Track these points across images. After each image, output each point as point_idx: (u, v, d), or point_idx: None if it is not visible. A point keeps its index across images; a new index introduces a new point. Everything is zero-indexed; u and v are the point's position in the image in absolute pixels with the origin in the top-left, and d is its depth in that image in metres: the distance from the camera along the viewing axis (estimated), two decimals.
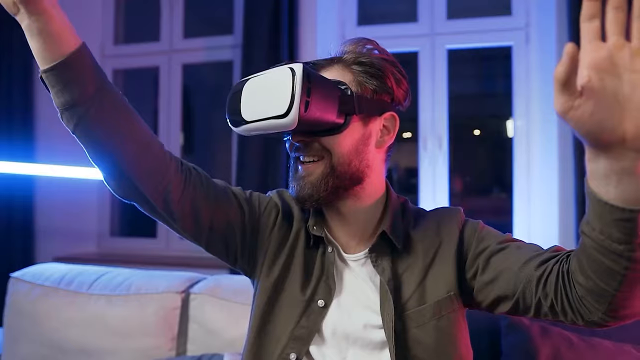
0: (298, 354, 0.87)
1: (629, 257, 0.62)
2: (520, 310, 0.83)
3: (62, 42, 0.72)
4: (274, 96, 0.77)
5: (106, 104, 0.76)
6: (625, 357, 1.23)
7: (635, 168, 0.58)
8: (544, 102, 2.63)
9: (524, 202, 2.71)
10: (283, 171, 2.67)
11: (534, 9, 2.69)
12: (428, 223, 0.94)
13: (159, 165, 0.82)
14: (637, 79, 0.55)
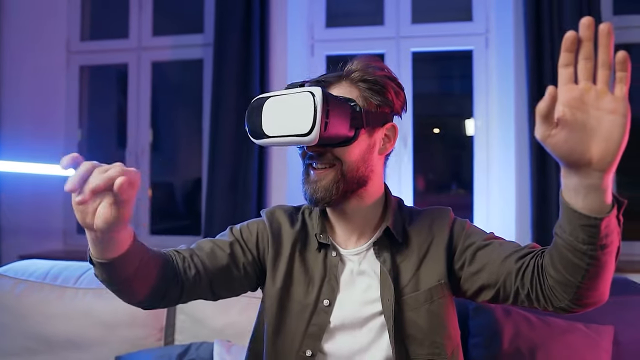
0: (313, 350, 0.98)
1: (592, 255, 0.76)
2: (501, 298, 0.96)
3: (118, 248, 0.80)
4: (297, 117, 0.87)
5: (140, 276, 0.87)
6: (576, 333, 1.38)
7: (599, 185, 0.71)
8: (502, 103, 2.79)
9: (483, 199, 2.87)
10: (255, 167, 2.73)
11: (493, 16, 2.86)
12: (422, 220, 1.06)
13: (161, 283, 0.94)
14: (601, 115, 0.69)
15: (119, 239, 0.79)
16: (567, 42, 0.68)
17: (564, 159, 0.71)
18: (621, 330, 1.43)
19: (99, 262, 0.81)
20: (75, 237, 3.23)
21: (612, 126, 0.68)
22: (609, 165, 0.70)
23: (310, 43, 3.07)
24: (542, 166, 2.54)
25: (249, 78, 2.75)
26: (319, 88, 0.88)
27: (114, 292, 0.90)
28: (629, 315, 1.47)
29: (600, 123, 0.69)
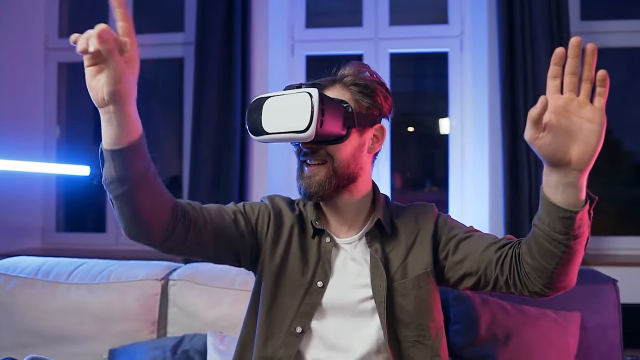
0: (303, 327, 1.06)
1: (566, 244, 0.86)
2: (481, 285, 1.05)
3: (130, 132, 0.85)
4: (295, 115, 0.95)
5: (147, 181, 0.90)
6: (547, 319, 1.49)
7: (576, 182, 0.82)
8: (476, 104, 2.90)
9: (458, 196, 2.98)
10: (237, 165, 2.78)
11: (468, 19, 2.96)
12: (408, 214, 1.15)
13: (171, 217, 0.96)
14: (581, 122, 0.80)
15: (130, 119, 0.84)
16: (556, 57, 0.79)
17: (547, 159, 0.82)
18: (587, 317, 1.54)
19: (112, 149, 0.84)
20: (54, 235, 3.22)
21: (590, 133, 0.79)
22: (586, 166, 0.81)
23: (290, 43, 3.12)
24: (514, 165, 2.65)
25: (231, 77, 2.80)
26: (315, 89, 0.95)
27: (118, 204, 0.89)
28: (594, 303, 1.59)
29: (580, 129, 0.80)
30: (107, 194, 0.90)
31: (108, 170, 0.87)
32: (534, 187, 2.62)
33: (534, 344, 1.43)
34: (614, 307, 1.59)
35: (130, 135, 0.85)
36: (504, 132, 2.65)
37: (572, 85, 0.80)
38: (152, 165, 0.91)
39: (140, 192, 0.88)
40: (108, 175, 0.87)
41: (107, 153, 0.85)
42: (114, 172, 0.86)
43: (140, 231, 0.94)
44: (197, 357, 1.44)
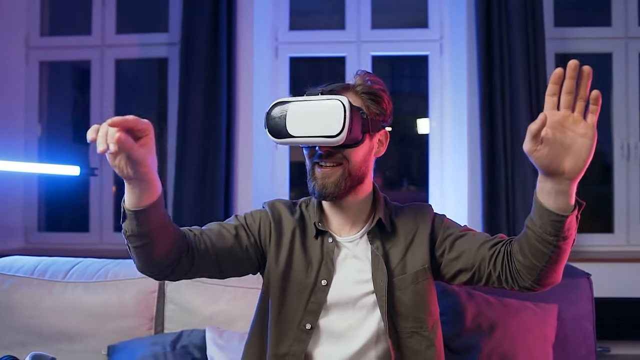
0: (312, 324, 1.12)
1: (556, 244, 0.95)
2: (475, 280, 1.13)
3: (151, 195, 0.92)
4: (325, 120, 1.01)
5: (162, 232, 0.97)
6: (527, 311, 1.59)
7: (567, 190, 0.91)
8: (455, 105, 3.00)
9: (437, 195, 3.07)
10: (223, 165, 2.82)
11: (447, 24, 3.06)
12: (407, 214, 1.22)
13: (177, 254, 1.03)
14: (575, 137, 0.88)
15: (151, 185, 0.90)
16: (555, 77, 0.87)
17: (543, 169, 0.90)
18: (563, 308, 1.64)
19: (134, 210, 0.91)
20: (36, 235, 3.21)
21: (582, 146, 0.88)
22: (577, 176, 0.89)
23: (274, 45, 3.17)
24: (492, 166, 2.76)
25: (217, 78, 2.83)
26: (345, 98, 1.02)
27: (136, 253, 0.97)
28: (569, 295, 1.69)
29: (574, 143, 0.88)
30: (126, 242, 0.98)
31: (129, 226, 0.94)
32: (510, 186, 2.74)
33: (516, 334, 1.52)
34: (588, 299, 1.69)
35: (151, 198, 0.92)
36: (483, 132, 2.75)
37: (568, 103, 0.87)
38: (167, 216, 0.99)
39: (157, 242, 0.96)
40: (128, 229, 0.94)
41: (129, 212, 0.92)
42: (135, 228, 0.93)
43: (152, 270, 1.03)
44: (195, 352, 1.49)
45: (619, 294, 2.76)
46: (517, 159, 2.73)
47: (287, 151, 3.16)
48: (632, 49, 3.01)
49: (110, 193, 3.20)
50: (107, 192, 3.18)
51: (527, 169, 2.70)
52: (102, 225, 3.18)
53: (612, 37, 3.02)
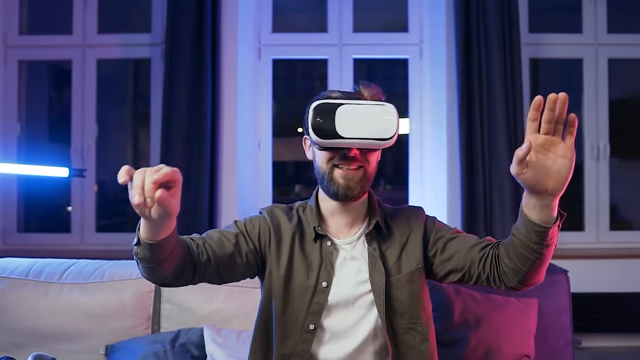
0: (315, 324, 1.16)
1: (539, 252, 1.03)
2: (465, 280, 1.20)
3: (167, 230, 0.94)
4: (376, 124, 1.06)
5: (172, 255, 1.01)
6: (511, 306, 1.67)
7: (550, 205, 0.99)
8: (435, 107, 3.09)
9: (417, 194, 3.16)
10: (207, 166, 2.84)
11: (427, 28, 3.15)
12: (400, 216, 1.28)
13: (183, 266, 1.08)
14: (555, 158, 0.95)
15: (168, 226, 0.93)
16: (535, 104, 0.93)
17: (528, 188, 0.98)
18: (543, 303, 1.73)
19: (149, 243, 0.94)
20: (15, 236, 3.17)
21: (562, 166, 0.95)
22: (558, 192, 0.98)
23: (257, 47, 3.21)
24: (470, 167, 2.86)
25: (201, 79, 2.85)
26: (391, 104, 1.09)
27: (145, 270, 1.02)
28: (548, 290, 1.78)
29: (554, 164, 0.95)
30: (135, 259, 1.01)
31: (142, 252, 0.97)
32: (488, 187, 2.84)
33: (500, 327, 1.60)
34: (565, 294, 1.79)
35: (167, 232, 0.94)
36: (462, 134, 2.85)
37: (547, 131, 0.95)
38: (178, 239, 1.02)
39: (166, 264, 1.01)
40: (141, 254, 0.97)
41: (144, 243, 0.95)
42: (148, 255, 0.96)
43: (158, 282, 1.08)
44: (194, 349, 1.53)
45: (589, 290, 2.90)
46: (494, 160, 2.83)
47: (270, 151, 3.20)
48: (602, 55, 3.15)
49: (92, 193, 3.19)
50: (89, 193, 3.17)
51: (503, 170, 2.81)
52: (83, 226, 3.16)
53: (583, 43, 3.15)
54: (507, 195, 2.80)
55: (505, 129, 2.82)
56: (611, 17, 3.15)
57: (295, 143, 3.58)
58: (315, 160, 1.19)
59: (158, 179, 0.83)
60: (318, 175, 1.19)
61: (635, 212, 3.40)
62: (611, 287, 2.97)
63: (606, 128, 3.16)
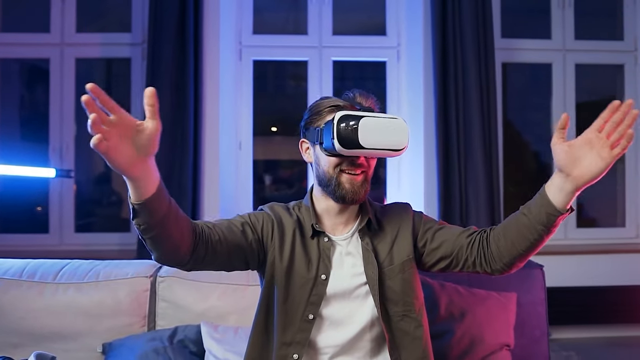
0: (314, 314, 1.24)
1: (541, 234, 1.12)
2: (452, 265, 1.29)
3: (147, 189, 0.98)
4: (392, 135, 1.15)
5: (170, 216, 1.04)
6: (492, 299, 1.77)
7: (569, 191, 1.08)
8: (412, 109, 3.19)
9: (394, 193, 3.25)
10: (190, 167, 2.86)
11: (404, 32, 3.24)
12: (390, 212, 1.36)
13: (192, 239, 1.12)
14: (595, 155, 1.05)
15: (147, 177, 0.96)
16: (611, 106, 1.04)
17: (557, 163, 1.07)
18: (521, 296, 1.84)
19: (138, 204, 0.98)
20: None
21: (595, 165, 1.05)
22: (580, 185, 1.07)
23: (238, 48, 3.24)
24: (446, 167, 2.97)
25: (184, 80, 2.87)
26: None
27: (151, 243, 1.04)
28: (526, 284, 1.89)
29: (591, 159, 1.05)
30: (140, 236, 1.05)
31: (140, 219, 1.00)
32: (463, 184, 2.96)
33: (483, 319, 1.70)
34: (541, 287, 1.90)
35: (149, 191, 0.98)
36: (438, 134, 2.96)
37: (607, 131, 1.04)
38: (172, 201, 1.06)
39: (168, 226, 1.04)
40: (140, 222, 1.01)
41: (137, 206, 0.99)
42: (146, 219, 1.00)
43: (171, 257, 1.11)
44: (191, 346, 1.57)
45: (555, 284, 3.04)
46: (470, 160, 2.95)
47: (251, 150, 3.25)
48: (569, 60, 3.31)
49: (72, 193, 3.16)
50: (68, 192, 3.15)
51: (479, 169, 2.93)
52: (62, 226, 3.14)
53: (552, 49, 3.31)
54: (482, 194, 2.92)
55: (480, 129, 2.94)
56: (578, 24, 3.31)
57: (267, 142, 3.61)
58: (320, 165, 1.26)
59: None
60: (322, 178, 1.26)
61: (600, 210, 3.58)
62: (577, 282, 3.13)
63: (573, 130, 3.31)
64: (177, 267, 1.17)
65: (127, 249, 3.08)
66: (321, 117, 1.25)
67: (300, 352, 1.22)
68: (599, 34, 3.41)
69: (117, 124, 0.88)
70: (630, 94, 3.38)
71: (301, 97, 3.44)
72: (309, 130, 1.27)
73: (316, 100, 1.32)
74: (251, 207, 3.28)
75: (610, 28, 3.47)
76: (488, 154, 2.96)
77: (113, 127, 0.88)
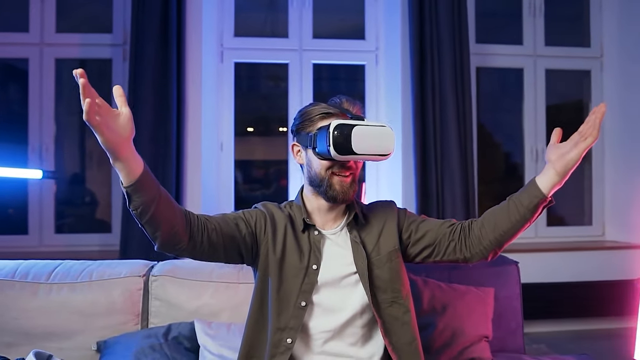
0: (306, 301, 1.32)
1: (523, 216, 1.26)
2: (435, 253, 1.39)
3: (135, 171, 1.09)
4: (380, 142, 1.25)
5: (162, 201, 1.15)
6: (471, 293, 1.87)
7: (556, 179, 1.23)
8: (390, 110, 3.29)
9: (373, 193, 3.34)
10: (173, 168, 2.89)
11: (382, 36, 3.34)
12: (375, 208, 1.46)
13: (186, 223, 1.22)
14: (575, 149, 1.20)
15: (133, 157, 1.08)
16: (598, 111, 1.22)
17: (548, 158, 1.24)
18: (498, 290, 1.94)
19: (131, 185, 1.08)
20: None
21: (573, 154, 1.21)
22: (562, 174, 1.22)
23: (219, 50, 3.28)
24: (424, 166, 3.08)
25: (167, 82, 2.89)
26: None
27: (150, 226, 1.15)
28: (502, 279, 1.99)
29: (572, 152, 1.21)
30: (138, 222, 1.15)
31: (134, 202, 1.11)
32: (440, 183, 3.06)
33: (463, 313, 1.79)
34: (516, 283, 2.01)
35: (136, 173, 1.09)
36: (416, 135, 3.06)
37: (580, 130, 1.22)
38: (161, 187, 1.17)
39: (161, 205, 1.14)
40: (136, 205, 1.11)
41: (129, 188, 1.10)
42: (139, 199, 1.11)
43: (171, 240, 1.19)
44: (186, 342, 1.61)
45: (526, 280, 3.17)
46: (446, 159, 3.06)
47: (232, 151, 3.29)
48: (540, 65, 3.45)
49: (51, 194, 3.15)
50: (48, 193, 3.13)
51: (455, 168, 3.04)
52: (42, 227, 3.13)
53: (524, 54, 3.45)
54: (458, 192, 3.04)
55: (456, 130, 3.05)
56: (548, 31, 3.47)
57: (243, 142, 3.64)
58: (313, 167, 1.33)
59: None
60: (314, 179, 1.34)
61: (568, 210, 3.75)
62: (546, 278, 3.26)
63: (544, 132, 3.46)
64: (178, 253, 1.24)
65: (108, 249, 3.09)
66: (313, 123, 1.32)
67: (293, 337, 1.29)
68: (568, 40, 3.57)
69: (102, 106, 1.02)
70: (596, 97, 3.55)
71: (277, 97, 3.48)
72: (301, 135, 1.35)
73: (306, 107, 1.39)
74: (233, 207, 3.32)
75: (579, 34, 3.64)
76: (463, 154, 3.07)
77: (100, 108, 1.02)
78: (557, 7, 3.54)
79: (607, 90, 3.55)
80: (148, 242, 1.22)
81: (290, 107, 3.29)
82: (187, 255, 1.27)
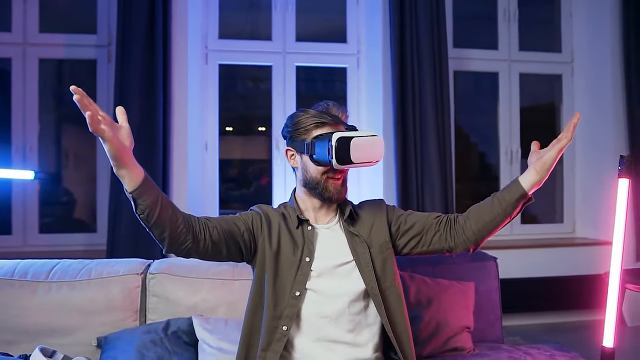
0: (300, 291, 1.41)
1: (505, 211, 1.38)
2: (421, 243, 1.49)
3: (138, 176, 1.19)
4: (372, 150, 1.36)
5: (165, 202, 1.25)
6: (454, 288, 1.97)
7: (536, 179, 1.35)
8: (371, 112, 3.38)
9: (354, 192, 3.43)
10: (160, 169, 2.92)
11: (364, 39, 3.43)
12: (366, 206, 1.57)
13: (186, 226, 1.31)
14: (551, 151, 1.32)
15: (134, 164, 1.18)
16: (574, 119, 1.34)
17: (530, 161, 1.36)
18: (478, 284, 2.05)
19: (135, 189, 1.17)
20: None
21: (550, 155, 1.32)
22: (542, 174, 1.34)
23: (204, 52, 3.32)
24: (404, 166, 3.18)
25: (153, 83, 2.92)
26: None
27: (156, 228, 1.24)
28: (482, 274, 2.11)
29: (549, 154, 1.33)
30: (145, 226, 1.25)
31: (139, 206, 1.20)
32: (420, 184, 3.17)
33: (447, 305, 1.89)
34: (495, 277, 2.13)
35: (137, 178, 1.19)
36: (397, 136, 3.15)
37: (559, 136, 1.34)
38: (162, 192, 1.26)
39: (165, 206, 1.24)
40: (141, 208, 1.21)
41: (134, 193, 1.19)
42: (144, 202, 1.20)
43: (177, 239, 1.29)
44: (184, 336, 1.67)
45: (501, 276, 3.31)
46: (426, 160, 3.17)
47: (217, 151, 3.34)
48: (514, 70, 3.60)
49: (36, 193, 3.15)
50: (32, 193, 3.13)
51: (434, 168, 3.15)
52: (25, 227, 3.12)
53: (499, 59, 3.58)
54: (437, 191, 3.15)
55: (434, 132, 3.17)
56: (522, 35, 3.61)
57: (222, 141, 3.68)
58: (308, 171, 1.44)
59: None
60: (310, 182, 1.45)
61: (541, 208, 3.91)
62: (521, 273, 3.40)
63: (518, 134, 3.61)
64: (184, 253, 1.33)
65: (93, 249, 3.10)
66: (308, 132, 1.43)
67: (288, 324, 1.38)
68: (541, 44, 3.73)
69: (106, 118, 1.13)
70: (567, 100, 3.72)
71: (257, 97, 3.53)
72: (295, 141, 1.45)
73: (297, 114, 1.48)
74: (217, 207, 3.37)
75: (551, 40, 3.80)
76: (442, 154, 3.19)
77: (103, 119, 1.12)
78: (531, 13, 3.70)
79: (577, 93, 3.72)
80: (135, 242, 1.30)
81: (274, 109, 3.36)
82: (193, 255, 1.36)
